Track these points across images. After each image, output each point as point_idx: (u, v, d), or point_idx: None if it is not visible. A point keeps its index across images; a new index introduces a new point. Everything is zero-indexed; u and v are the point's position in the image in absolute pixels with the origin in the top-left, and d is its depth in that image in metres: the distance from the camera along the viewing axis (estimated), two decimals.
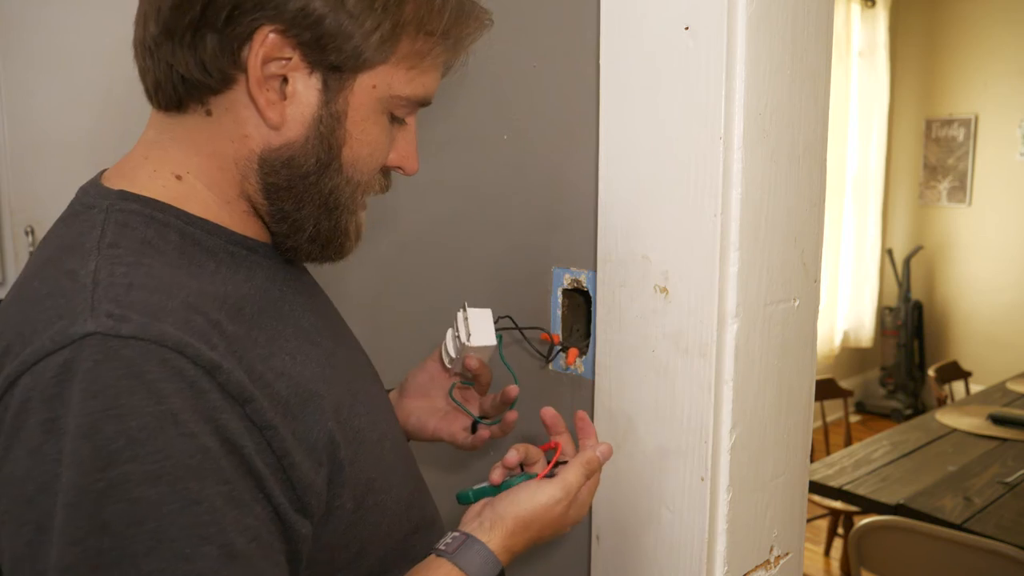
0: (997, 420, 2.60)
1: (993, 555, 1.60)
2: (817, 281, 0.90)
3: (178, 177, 0.61)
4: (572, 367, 0.97)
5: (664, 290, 0.83)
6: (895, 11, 4.68)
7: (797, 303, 0.87)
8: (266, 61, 0.56)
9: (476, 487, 0.74)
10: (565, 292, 0.98)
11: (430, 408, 0.89)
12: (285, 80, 0.58)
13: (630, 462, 0.89)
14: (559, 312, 0.98)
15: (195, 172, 0.61)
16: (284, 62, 0.57)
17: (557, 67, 0.96)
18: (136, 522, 0.46)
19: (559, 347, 0.98)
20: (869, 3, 4.47)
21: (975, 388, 3.70)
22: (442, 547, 0.66)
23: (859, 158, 4.61)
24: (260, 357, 0.56)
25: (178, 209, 0.60)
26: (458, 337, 0.83)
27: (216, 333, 0.53)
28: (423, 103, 0.65)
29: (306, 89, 0.58)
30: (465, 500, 0.73)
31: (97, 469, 0.46)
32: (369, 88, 0.60)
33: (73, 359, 0.48)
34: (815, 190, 0.87)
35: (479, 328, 0.83)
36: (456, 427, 0.87)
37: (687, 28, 0.78)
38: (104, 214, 0.58)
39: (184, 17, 0.56)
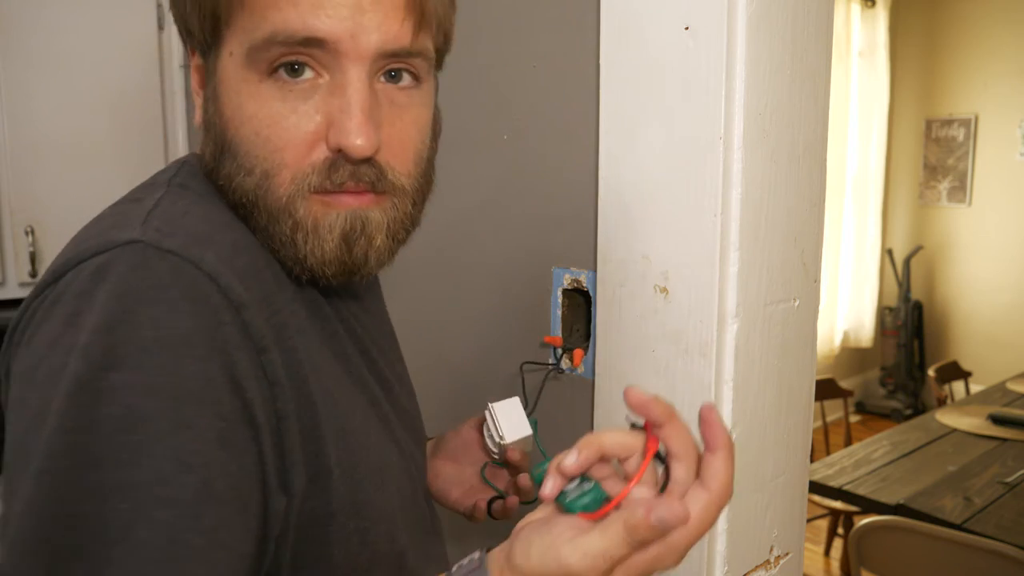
0: (997, 420, 2.60)
1: (993, 555, 1.60)
2: (817, 281, 0.90)
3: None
4: (574, 370, 0.97)
5: (664, 290, 0.83)
6: (895, 11, 4.68)
7: (797, 303, 0.87)
8: (195, 70, 0.58)
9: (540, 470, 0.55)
10: (565, 292, 0.98)
11: (457, 476, 0.85)
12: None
13: None
14: (559, 312, 0.98)
15: None
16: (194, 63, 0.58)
17: (557, 67, 0.96)
18: (124, 429, 0.45)
19: (563, 349, 0.98)
20: (869, 3, 4.47)
21: (975, 388, 3.70)
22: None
23: (859, 158, 4.61)
24: (293, 326, 0.54)
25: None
26: (492, 436, 0.81)
27: (255, 281, 0.51)
28: (291, 39, 0.51)
29: (200, 83, 0.58)
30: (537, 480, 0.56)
31: (102, 367, 0.45)
32: (227, 57, 0.54)
33: (110, 261, 0.48)
34: (815, 190, 0.87)
35: (512, 422, 0.81)
36: (477, 502, 0.82)
37: (687, 28, 0.78)
38: (182, 164, 0.59)
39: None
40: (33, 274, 1.63)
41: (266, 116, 0.53)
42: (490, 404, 0.81)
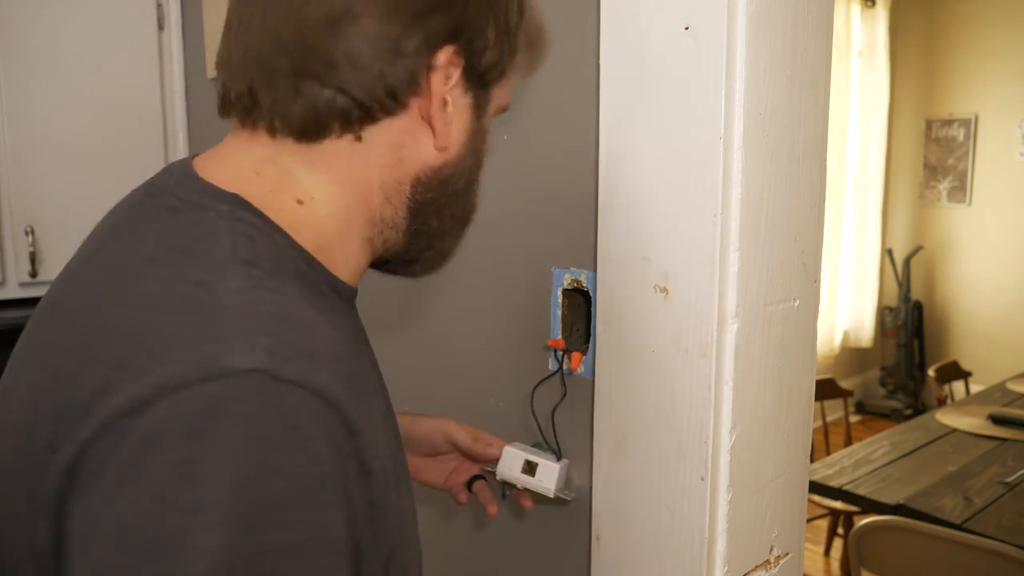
0: (997, 420, 2.60)
1: (993, 555, 1.60)
2: (817, 281, 0.90)
3: (299, 202, 0.54)
4: (576, 371, 0.97)
5: (664, 290, 0.83)
6: (895, 11, 4.69)
7: (797, 303, 0.87)
8: (444, 83, 0.55)
9: None
10: (565, 292, 0.98)
11: (436, 468, 0.96)
12: (447, 104, 0.56)
13: (630, 462, 0.89)
14: (559, 312, 0.98)
15: (323, 198, 0.55)
16: (450, 82, 0.56)
17: (557, 67, 0.96)
18: None
19: (563, 352, 0.98)
20: (869, 3, 4.47)
21: (975, 388, 3.70)
22: None
23: (859, 158, 4.61)
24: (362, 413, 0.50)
25: (291, 241, 0.53)
26: (526, 473, 0.92)
27: (348, 386, 0.47)
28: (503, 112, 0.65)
29: (464, 107, 0.57)
30: None
31: (246, 532, 0.40)
32: (495, 103, 0.61)
33: (227, 396, 0.41)
34: (815, 190, 0.87)
35: (547, 477, 0.92)
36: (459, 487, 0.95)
37: (687, 28, 0.78)
38: (228, 221, 0.50)
39: (364, 41, 0.52)
40: (33, 274, 1.63)
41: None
42: (528, 456, 0.93)
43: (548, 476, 0.92)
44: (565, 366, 0.98)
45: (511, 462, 0.92)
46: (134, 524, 0.40)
